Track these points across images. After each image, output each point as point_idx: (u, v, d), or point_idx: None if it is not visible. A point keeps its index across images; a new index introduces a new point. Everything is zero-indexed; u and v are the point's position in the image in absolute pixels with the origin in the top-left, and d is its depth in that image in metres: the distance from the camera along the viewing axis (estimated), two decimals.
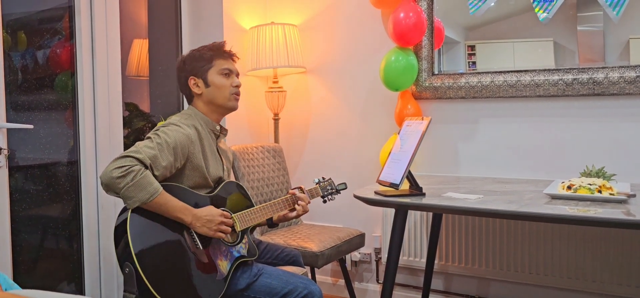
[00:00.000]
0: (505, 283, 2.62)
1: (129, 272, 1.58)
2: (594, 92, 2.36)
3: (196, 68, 1.88)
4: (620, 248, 2.31)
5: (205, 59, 1.88)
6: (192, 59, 1.90)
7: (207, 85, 1.87)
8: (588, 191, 1.79)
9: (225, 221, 1.74)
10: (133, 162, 1.60)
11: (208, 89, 1.87)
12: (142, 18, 2.79)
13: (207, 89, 1.87)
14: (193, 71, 1.88)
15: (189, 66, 1.89)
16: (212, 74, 1.87)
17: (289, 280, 1.79)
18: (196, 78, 1.88)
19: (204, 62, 1.88)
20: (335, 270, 3.10)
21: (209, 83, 1.87)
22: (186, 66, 1.90)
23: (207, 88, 1.87)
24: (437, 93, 2.69)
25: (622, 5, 2.29)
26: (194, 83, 1.88)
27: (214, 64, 1.88)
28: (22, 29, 2.18)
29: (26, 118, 2.15)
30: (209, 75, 1.87)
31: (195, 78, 1.88)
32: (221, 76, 1.88)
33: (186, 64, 1.90)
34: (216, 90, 1.87)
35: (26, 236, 2.15)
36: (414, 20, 2.54)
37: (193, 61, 1.89)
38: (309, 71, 3.12)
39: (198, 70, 1.88)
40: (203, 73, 1.87)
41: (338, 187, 2.22)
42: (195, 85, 1.88)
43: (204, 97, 1.88)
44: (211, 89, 1.87)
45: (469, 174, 2.67)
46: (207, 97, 1.88)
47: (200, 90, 1.88)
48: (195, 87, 1.88)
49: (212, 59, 1.88)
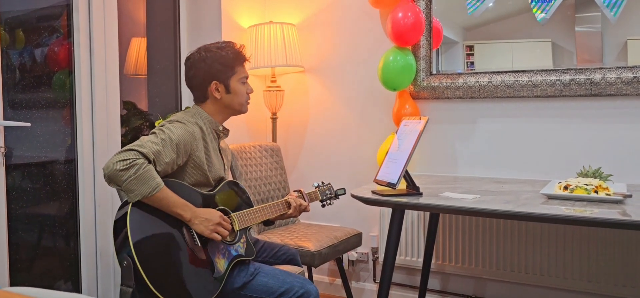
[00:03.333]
0: (502, 283, 2.62)
1: (126, 265, 1.58)
2: (591, 93, 2.36)
3: (220, 73, 1.85)
4: (616, 248, 2.31)
5: (229, 64, 1.86)
6: (215, 61, 1.85)
7: (228, 91, 1.87)
8: (584, 192, 1.79)
9: (223, 224, 1.74)
10: (137, 156, 1.60)
11: (228, 96, 1.87)
12: (140, 16, 2.79)
13: (227, 96, 1.87)
14: (217, 76, 1.85)
15: (211, 69, 1.85)
16: (234, 81, 1.88)
17: (286, 280, 1.79)
18: (219, 83, 1.86)
19: (227, 67, 1.86)
20: (332, 270, 3.10)
21: (230, 90, 1.87)
22: (207, 66, 1.85)
23: (227, 94, 1.87)
24: (435, 93, 2.70)
25: (619, 6, 2.29)
26: (216, 88, 1.86)
27: (236, 71, 1.88)
28: (20, 27, 2.18)
29: (24, 116, 2.15)
30: (232, 82, 1.87)
31: (217, 83, 1.86)
32: (241, 84, 1.89)
33: (207, 65, 1.85)
34: (234, 97, 1.88)
35: (23, 234, 2.15)
36: (412, 20, 2.55)
37: (216, 64, 1.85)
38: (307, 71, 3.12)
39: (222, 75, 1.86)
40: (226, 79, 1.86)
41: (337, 192, 2.22)
42: (216, 90, 1.86)
43: (221, 102, 1.88)
44: (231, 96, 1.88)
45: (466, 174, 2.67)
46: (225, 103, 1.88)
47: (220, 95, 1.87)
48: (216, 92, 1.86)
49: (235, 65, 1.88)
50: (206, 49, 1.89)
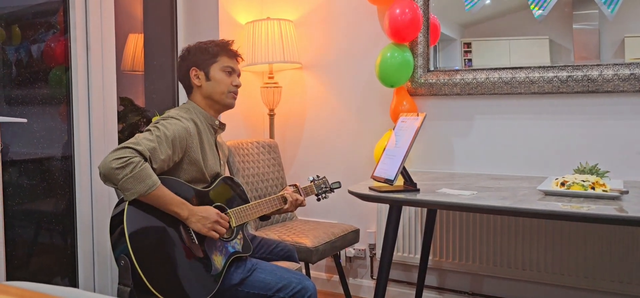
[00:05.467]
0: (499, 280, 2.63)
1: (124, 264, 1.58)
2: (588, 89, 2.36)
3: (200, 60, 1.88)
4: (612, 244, 2.32)
5: (211, 53, 1.88)
6: (197, 50, 1.90)
7: (208, 79, 1.88)
8: (581, 188, 1.80)
9: (220, 222, 1.73)
10: (132, 154, 1.60)
11: (208, 83, 1.88)
12: (137, 12, 2.78)
13: (207, 83, 1.88)
14: (196, 63, 1.88)
15: (192, 57, 1.89)
16: (215, 69, 1.88)
17: (283, 275, 1.79)
18: (198, 70, 1.88)
19: (208, 55, 1.88)
20: (329, 266, 3.10)
21: (210, 77, 1.88)
22: (190, 56, 1.89)
23: (207, 82, 1.88)
24: (433, 90, 2.70)
25: (616, 4, 2.30)
26: (195, 75, 1.88)
27: (218, 60, 1.88)
28: (17, 23, 2.17)
29: (20, 112, 2.14)
30: (212, 69, 1.88)
31: (196, 70, 1.88)
32: (223, 73, 1.88)
33: (190, 54, 1.90)
34: (216, 85, 1.88)
35: (20, 231, 2.15)
36: (409, 17, 2.54)
37: (198, 52, 1.89)
38: (304, 67, 3.11)
39: (201, 62, 1.88)
40: (206, 66, 1.88)
41: (332, 186, 2.23)
42: (196, 76, 1.88)
43: (202, 91, 1.89)
44: (211, 84, 1.88)
45: (464, 170, 2.68)
46: (206, 91, 1.88)
47: (200, 82, 1.88)
48: (196, 78, 1.88)
49: (217, 55, 1.89)
50: (197, 42, 1.93)
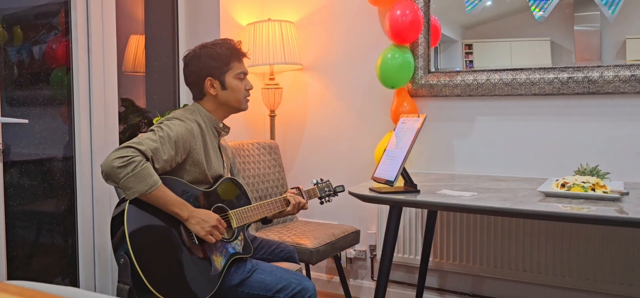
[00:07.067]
0: (500, 281, 2.63)
1: (123, 262, 1.58)
2: (589, 91, 2.36)
3: (213, 69, 1.84)
4: (613, 245, 2.32)
5: (223, 60, 1.85)
6: (208, 57, 1.85)
7: (224, 88, 1.86)
8: (582, 189, 1.80)
9: (219, 227, 1.73)
10: (135, 153, 1.60)
11: (224, 92, 1.86)
12: (138, 14, 2.78)
13: (223, 92, 1.86)
14: (210, 72, 1.84)
15: (205, 65, 1.84)
16: (229, 77, 1.86)
17: (283, 276, 1.79)
18: (213, 80, 1.85)
19: (221, 63, 1.85)
20: (330, 267, 3.10)
21: (226, 86, 1.86)
22: (202, 63, 1.85)
23: (223, 91, 1.86)
24: (433, 91, 2.70)
25: (617, 5, 2.29)
26: (211, 85, 1.85)
27: (231, 66, 1.86)
28: (18, 24, 2.17)
29: (21, 113, 2.15)
30: (227, 78, 1.86)
31: (212, 79, 1.84)
32: (237, 80, 1.87)
33: (200, 61, 1.85)
34: (231, 93, 1.86)
35: (21, 231, 2.15)
36: (410, 18, 2.55)
37: (209, 59, 1.85)
38: (305, 68, 3.12)
39: (215, 71, 1.85)
40: (220, 75, 1.85)
41: (336, 189, 2.21)
42: (211, 86, 1.85)
43: (217, 99, 1.87)
44: (227, 92, 1.86)
45: (464, 171, 2.67)
46: (222, 99, 1.87)
47: (215, 91, 1.85)
48: (211, 88, 1.85)
49: (230, 61, 1.86)
50: (202, 46, 1.89)
